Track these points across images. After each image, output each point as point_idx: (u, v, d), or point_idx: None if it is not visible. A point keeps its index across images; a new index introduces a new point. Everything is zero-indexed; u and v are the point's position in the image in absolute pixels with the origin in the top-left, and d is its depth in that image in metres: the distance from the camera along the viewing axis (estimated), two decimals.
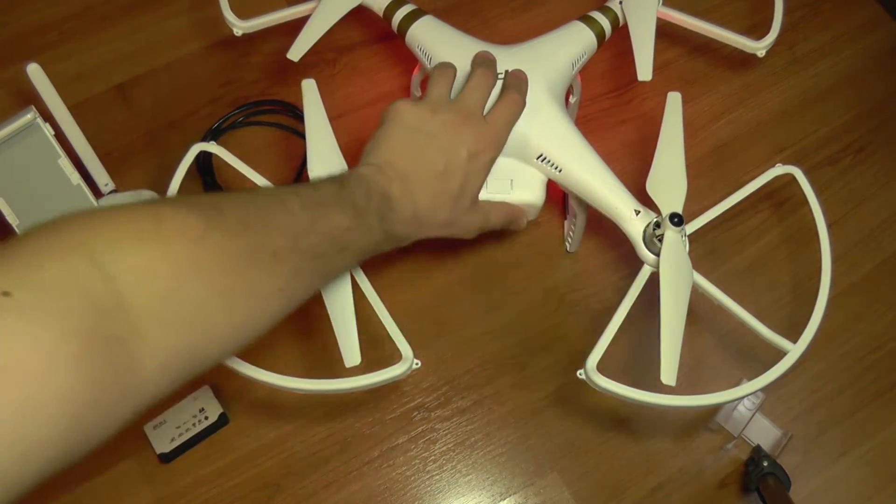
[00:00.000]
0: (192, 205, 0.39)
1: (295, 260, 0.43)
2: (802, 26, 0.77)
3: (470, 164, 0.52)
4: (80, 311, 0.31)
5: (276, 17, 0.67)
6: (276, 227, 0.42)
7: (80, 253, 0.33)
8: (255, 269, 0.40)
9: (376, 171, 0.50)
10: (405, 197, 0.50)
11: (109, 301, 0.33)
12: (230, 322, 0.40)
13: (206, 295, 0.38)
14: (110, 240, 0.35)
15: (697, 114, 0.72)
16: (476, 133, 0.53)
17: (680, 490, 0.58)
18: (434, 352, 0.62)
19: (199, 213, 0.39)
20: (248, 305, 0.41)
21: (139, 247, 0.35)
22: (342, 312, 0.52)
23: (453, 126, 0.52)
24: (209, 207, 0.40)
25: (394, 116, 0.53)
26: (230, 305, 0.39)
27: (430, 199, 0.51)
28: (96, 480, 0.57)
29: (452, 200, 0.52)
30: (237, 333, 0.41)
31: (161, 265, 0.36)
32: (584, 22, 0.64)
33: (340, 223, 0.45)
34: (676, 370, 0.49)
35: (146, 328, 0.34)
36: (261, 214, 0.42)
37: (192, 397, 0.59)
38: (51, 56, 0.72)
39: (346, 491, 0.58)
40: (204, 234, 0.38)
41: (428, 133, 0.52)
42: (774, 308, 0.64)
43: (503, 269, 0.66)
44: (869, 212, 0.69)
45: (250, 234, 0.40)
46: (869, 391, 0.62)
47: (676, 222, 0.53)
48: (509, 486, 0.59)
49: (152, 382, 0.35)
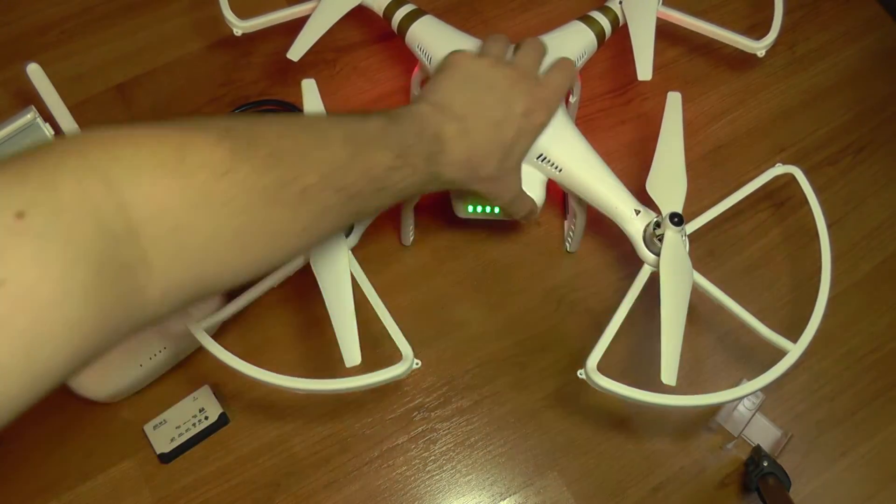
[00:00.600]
0: (223, 132, 0.38)
1: (325, 199, 0.41)
2: (802, 26, 0.77)
3: (524, 120, 0.53)
4: (93, 238, 0.31)
5: (276, 17, 0.67)
6: (311, 163, 0.40)
7: (97, 176, 0.32)
8: (278, 208, 0.39)
9: (433, 109, 0.49)
10: (459, 139, 0.49)
11: (121, 228, 0.32)
12: (243, 259, 0.39)
13: (219, 231, 0.37)
14: (130, 166, 0.34)
15: (697, 114, 0.72)
16: (532, 92, 0.54)
17: (680, 490, 0.58)
18: (434, 352, 0.62)
19: (229, 143, 0.37)
20: (264, 244, 0.40)
21: (158, 177, 0.34)
22: (342, 312, 0.52)
23: (512, 80, 0.53)
24: (242, 136, 0.38)
25: (454, 63, 0.53)
26: (244, 243, 0.38)
27: (484, 146, 0.51)
28: (96, 480, 0.57)
29: (503, 153, 0.52)
30: (249, 268, 0.40)
31: (177, 198, 0.35)
32: (584, 22, 0.64)
33: (382, 161, 0.44)
34: (677, 370, 0.49)
35: (154, 258, 0.34)
36: (297, 146, 0.40)
37: (192, 397, 0.59)
38: (51, 56, 0.72)
39: (346, 491, 0.58)
40: (230, 168, 0.36)
41: (488, 82, 0.52)
42: (774, 308, 0.64)
43: (503, 269, 0.66)
44: (869, 212, 0.69)
45: (281, 168, 0.39)
46: (869, 391, 0.62)
47: (676, 222, 0.53)
48: (509, 486, 0.59)
49: (155, 307, 0.35)
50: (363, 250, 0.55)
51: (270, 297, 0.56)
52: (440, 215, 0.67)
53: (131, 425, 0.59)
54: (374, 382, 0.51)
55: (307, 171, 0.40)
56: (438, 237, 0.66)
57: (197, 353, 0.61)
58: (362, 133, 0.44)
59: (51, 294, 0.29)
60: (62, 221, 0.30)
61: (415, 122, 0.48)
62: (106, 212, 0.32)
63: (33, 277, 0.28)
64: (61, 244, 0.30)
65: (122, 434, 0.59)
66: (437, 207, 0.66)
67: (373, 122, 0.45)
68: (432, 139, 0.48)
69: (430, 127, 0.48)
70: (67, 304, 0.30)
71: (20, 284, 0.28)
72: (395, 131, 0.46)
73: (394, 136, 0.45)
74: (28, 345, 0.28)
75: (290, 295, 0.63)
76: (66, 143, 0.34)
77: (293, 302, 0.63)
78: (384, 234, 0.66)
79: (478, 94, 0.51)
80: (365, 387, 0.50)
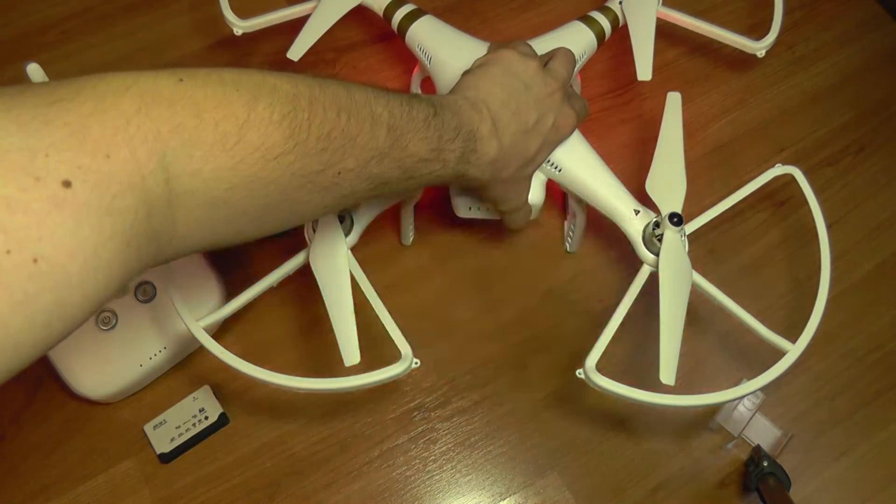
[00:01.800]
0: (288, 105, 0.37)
1: (356, 183, 0.41)
2: (802, 26, 0.77)
3: (552, 131, 0.53)
4: (133, 211, 0.31)
5: (276, 16, 0.67)
6: (355, 149, 0.40)
7: (153, 147, 0.31)
8: (313, 190, 0.39)
9: (471, 106, 0.49)
10: (491, 139, 0.49)
11: (161, 200, 0.32)
12: (256, 228, 0.39)
13: (249, 208, 0.37)
14: (189, 141, 0.33)
15: (697, 114, 0.72)
16: (563, 107, 0.54)
17: (680, 490, 0.58)
18: (434, 352, 0.62)
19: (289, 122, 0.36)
20: (285, 217, 0.40)
21: (212, 156, 0.34)
22: (342, 312, 0.52)
23: (551, 89, 0.53)
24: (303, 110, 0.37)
25: (498, 60, 0.53)
26: (267, 217, 0.39)
27: (511, 148, 0.51)
28: (96, 480, 0.57)
29: (525, 159, 0.52)
30: (262, 233, 0.40)
31: (223, 177, 0.34)
32: (583, 22, 0.64)
33: (418, 152, 0.44)
34: (676, 370, 0.49)
35: (178, 225, 0.34)
36: (347, 131, 0.40)
37: (192, 397, 0.59)
38: (51, 56, 0.72)
39: (346, 491, 0.58)
40: (282, 153, 0.36)
41: (527, 84, 0.52)
42: (774, 308, 0.64)
43: (503, 269, 0.66)
44: (869, 212, 0.69)
45: (327, 154, 0.39)
46: (869, 391, 0.62)
47: (676, 222, 0.53)
48: (509, 486, 0.59)
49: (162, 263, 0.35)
50: (363, 250, 0.55)
51: (270, 297, 0.56)
52: (440, 215, 0.67)
53: (131, 425, 0.59)
54: (373, 382, 0.51)
55: (349, 157, 0.40)
56: (438, 237, 0.66)
57: (197, 353, 0.61)
58: (407, 121, 0.44)
59: (79, 274, 0.29)
60: (107, 194, 0.30)
61: (455, 117, 0.47)
62: (151, 184, 0.31)
63: (66, 255, 0.28)
64: (101, 218, 0.29)
65: (122, 434, 0.59)
66: (437, 207, 0.66)
67: (419, 110, 0.45)
68: (468, 137, 0.47)
69: (467, 124, 0.48)
70: (91, 280, 0.29)
71: (53, 264, 0.28)
72: (436, 124, 0.45)
73: (435, 128, 0.45)
74: (48, 319, 0.28)
75: (290, 295, 0.63)
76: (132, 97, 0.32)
77: (293, 302, 0.63)
78: (384, 234, 0.66)
79: (515, 96, 0.51)
80: (364, 386, 0.50)
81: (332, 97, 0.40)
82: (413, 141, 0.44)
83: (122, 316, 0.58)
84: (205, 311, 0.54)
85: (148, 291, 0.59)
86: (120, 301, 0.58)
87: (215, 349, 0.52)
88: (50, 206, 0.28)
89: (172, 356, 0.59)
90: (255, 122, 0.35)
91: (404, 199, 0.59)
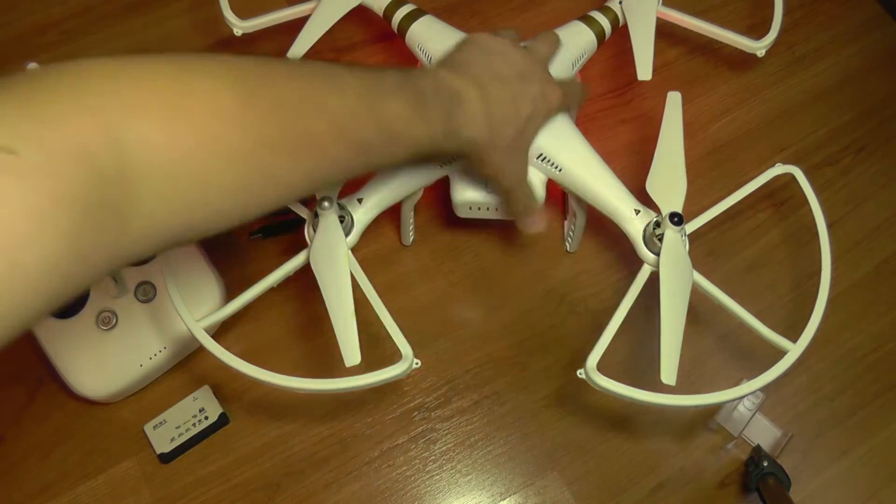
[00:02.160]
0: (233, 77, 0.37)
1: (331, 149, 0.40)
2: (802, 26, 0.77)
3: (540, 99, 0.53)
4: (82, 178, 0.30)
5: (276, 16, 0.67)
6: (320, 110, 0.39)
7: (97, 116, 0.32)
8: (280, 157, 0.38)
9: (448, 70, 0.49)
10: (479, 101, 0.48)
11: (112, 169, 0.32)
12: (237, 205, 0.38)
13: (215, 179, 0.36)
14: (133, 106, 0.33)
15: (697, 114, 0.72)
16: (549, 80, 0.54)
17: (680, 490, 0.58)
18: (434, 352, 0.62)
19: (237, 88, 0.36)
20: (261, 190, 0.39)
21: (159, 121, 0.34)
22: (342, 312, 0.52)
23: (529, 61, 0.53)
24: (252, 79, 0.37)
25: (474, 39, 0.53)
26: (241, 190, 0.38)
27: (501, 112, 0.50)
28: (96, 480, 0.57)
29: (518, 127, 0.52)
30: (243, 214, 0.39)
31: (174, 143, 0.34)
32: (583, 22, 0.64)
33: (396, 111, 0.43)
34: (676, 370, 0.49)
35: (140, 200, 0.33)
36: (307, 90, 0.39)
37: (192, 397, 0.59)
38: (51, 56, 0.72)
39: (346, 491, 0.58)
40: (234, 115, 0.36)
41: (505, 58, 0.52)
42: (774, 308, 0.64)
43: (503, 269, 0.66)
44: (869, 212, 0.69)
45: (288, 114, 0.38)
46: (869, 391, 0.62)
47: (676, 222, 0.53)
48: (509, 486, 0.59)
49: (135, 247, 0.34)
50: (363, 250, 0.55)
51: (270, 297, 0.56)
52: (440, 215, 0.67)
53: (131, 425, 0.59)
54: (373, 382, 0.51)
55: (315, 118, 0.39)
56: (438, 237, 0.66)
57: (197, 353, 0.61)
58: (378, 83, 0.43)
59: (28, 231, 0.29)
60: (53, 160, 0.30)
61: (429, 77, 0.47)
62: (99, 151, 0.31)
63: (12, 216, 0.28)
64: (46, 182, 0.29)
65: (122, 434, 0.59)
66: (437, 207, 0.66)
67: (389, 75, 0.44)
68: (451, 96, 0.47)
69: (448, 86, 0.47)
70: (44, 241, 0.29)
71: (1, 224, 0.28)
72: (411, 85, 0.45)
73: (410, 87, 0.44)
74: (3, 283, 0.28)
75: (290, 295, 0.63)
76: (72, 74, 0.33)
77: (293, 302, 0.63)
78: (384, 234, 0.66)
79: (496, 66, 0.51)
80: (365, 386, 0.50)
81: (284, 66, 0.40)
82: (389, 100, 0.43)
83: (122, 316, 0.58)
84: (205, 311, 0.54)
85: (148, 291, 0.59)
86: (120, 301, 0.58)
87: (215, 349, 0.52)
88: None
89: (172, 356, 0.59)
90: (200, 90, 0.35)
91: (404, 199, 0.59)
